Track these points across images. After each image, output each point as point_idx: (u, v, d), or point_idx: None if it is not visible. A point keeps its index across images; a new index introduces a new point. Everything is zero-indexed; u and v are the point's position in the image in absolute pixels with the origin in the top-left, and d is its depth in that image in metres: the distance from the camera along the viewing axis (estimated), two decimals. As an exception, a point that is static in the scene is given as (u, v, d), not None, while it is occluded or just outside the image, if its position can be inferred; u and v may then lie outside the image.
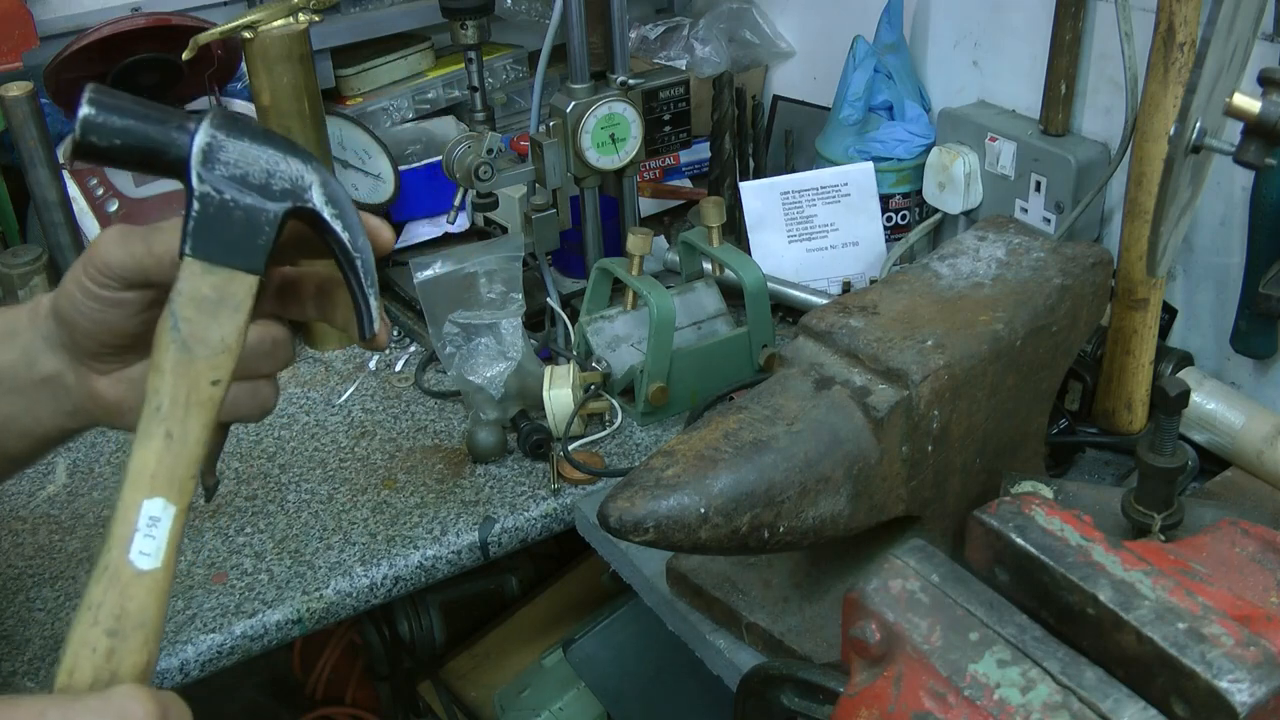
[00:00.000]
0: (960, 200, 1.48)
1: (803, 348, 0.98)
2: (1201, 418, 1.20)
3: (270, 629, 1.13)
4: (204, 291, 0.68)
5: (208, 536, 1.23)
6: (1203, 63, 0.79)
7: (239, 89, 1.69)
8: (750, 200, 1.53)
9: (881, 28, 1.56)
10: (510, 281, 1.33)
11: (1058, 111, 1.37)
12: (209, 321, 0.67)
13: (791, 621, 1.01)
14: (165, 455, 0.65)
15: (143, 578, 0.64)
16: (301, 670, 1.88)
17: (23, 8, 1.50)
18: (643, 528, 0.85)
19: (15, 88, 1.30)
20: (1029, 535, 0.73)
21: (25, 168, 1.33)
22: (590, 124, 1.43)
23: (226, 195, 0.68)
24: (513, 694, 1.66)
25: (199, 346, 0.67)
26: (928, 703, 0.68)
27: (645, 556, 1.12)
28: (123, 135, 0.68)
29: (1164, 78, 1.10)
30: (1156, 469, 0.96)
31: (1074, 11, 1.32)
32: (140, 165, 0.69)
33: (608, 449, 1.33)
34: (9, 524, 1.26)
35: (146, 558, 0.64)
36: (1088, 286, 1.05)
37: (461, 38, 1.44)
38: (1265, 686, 0.62)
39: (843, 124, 1.56)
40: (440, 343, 1.32)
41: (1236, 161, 0.85)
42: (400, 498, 1.27)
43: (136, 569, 0.63)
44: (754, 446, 0.88)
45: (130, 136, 0.68)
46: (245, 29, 1.38)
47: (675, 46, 1.84)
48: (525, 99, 1.81)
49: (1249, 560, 0.79)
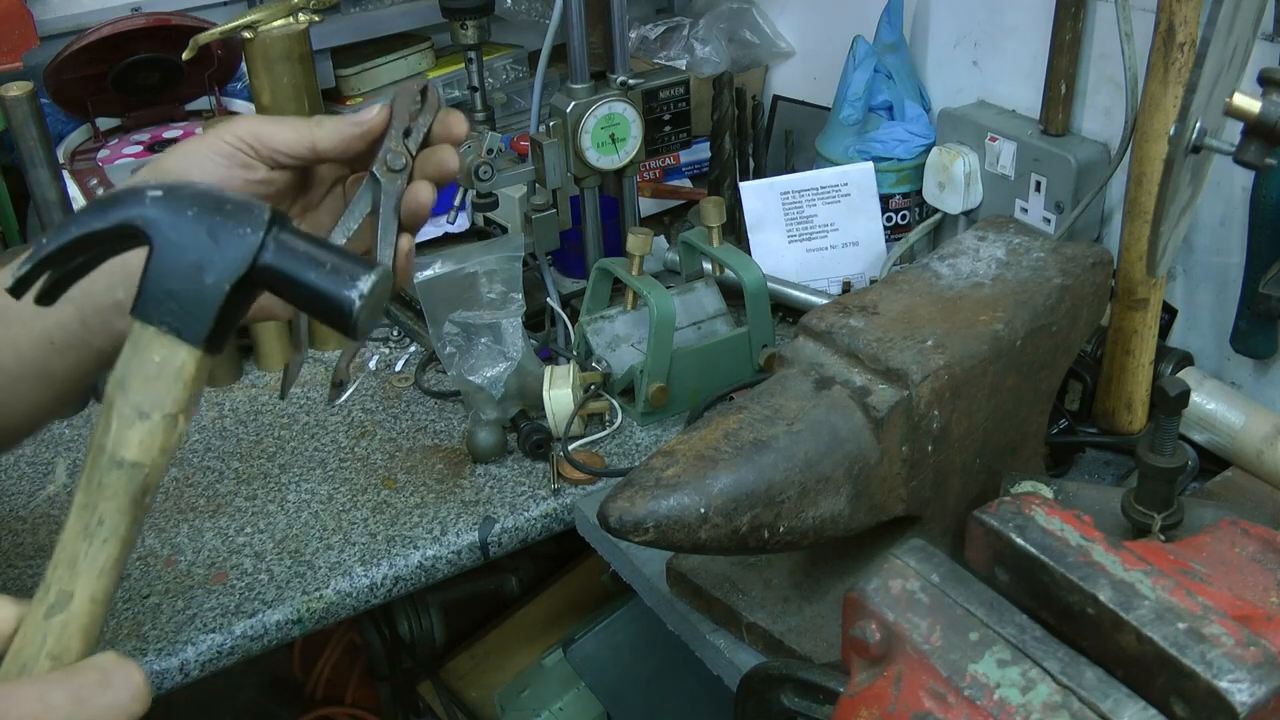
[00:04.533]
0: (960, 200, 1.48)
1: (803, 348, 0.98)
2: (1201, 418, 1.20)
3: (270, 629, 1.13)
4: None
5: (208, 536, 1.23)
6: (1203, 63, 0.79)
7: (239, 89, 1.70)
8: (750, 200, 1.53)
9: (881, 28, 1.56)
10: (510, 281, 1.33)
11: (1058, 111, 1.37)
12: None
13: (791, 621, 1.01)
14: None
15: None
16: (301, 670, 1.88)
17: (23, 8, 1.50)
18: (643, 528, 0.85)
19: (15, 88, 1.30)
20: (1029, 535, 0.73)
21: (25, 168, 1.33)
22: (590, 124, 1.43)
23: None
24: (513, 694, 1.66)
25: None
26: (928, 703, 0.68)
27: (645, 556, 1.12)
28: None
29: (1164, 78, 1.10)
30: (1156, 469, 0.96)
31: (1074, 11, 1.32)
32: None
33: (608, 449, 1.33)
34: (9, 524, 1.26)
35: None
36: (1088, 286, 1.05)
37: (461, 38, 1.44)
38: (1265, 686, 0.62)
39: (843, 124, 1.56)
40: (440, 343, 1.32)
41: (1236, 161, 0.85)
42: (400, 498, 1.27)
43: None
44: (754, 446, 0.88)
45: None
46: (245, 29, 1.38)
47: (675, 46, 1.85)
48: (525, 99, 1.81)
49: (1249, 560, 0.79)
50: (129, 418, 0.63)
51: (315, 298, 0.65)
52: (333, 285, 0.64)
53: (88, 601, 0.62)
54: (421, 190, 0.81)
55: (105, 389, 0.64)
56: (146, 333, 0.64)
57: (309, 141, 0.81)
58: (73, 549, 0.63)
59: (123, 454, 0.63)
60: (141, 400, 0.63)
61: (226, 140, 0.80)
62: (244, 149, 0.80)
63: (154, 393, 0.63)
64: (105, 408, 0.64)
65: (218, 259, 0.64)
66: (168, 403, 0.64)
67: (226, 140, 0.80)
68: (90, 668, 0.60)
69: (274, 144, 0.80)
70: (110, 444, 0.63)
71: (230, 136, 0.80)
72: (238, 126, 0.81)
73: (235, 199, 0.66)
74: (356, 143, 0.82)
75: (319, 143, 0.81)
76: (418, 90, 0.83)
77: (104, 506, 0.63)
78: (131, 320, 0.64)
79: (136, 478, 0.63)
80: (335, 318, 0.65)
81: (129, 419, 0.63)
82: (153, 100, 1.65)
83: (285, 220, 0.66)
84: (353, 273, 0.65)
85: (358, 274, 0.65)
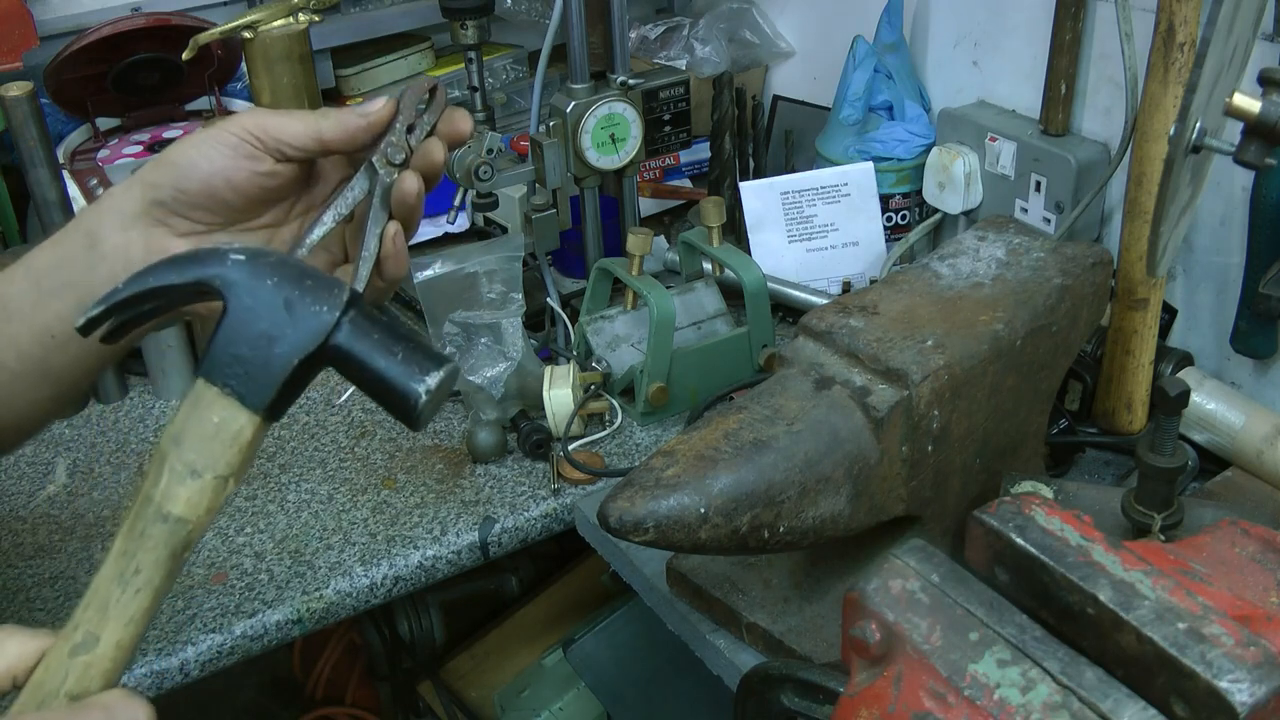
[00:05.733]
0: (960, 200, 1.48)
1: (803, 348, 0.98)
2: (1201, 418, 1.20)
3: (270, 629, 1.13)
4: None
5: (207, 536, 1.23)
6: (1203, 63, 0.79)
7: (239, 89, 1.70)
8: (750, 200, 1.53)
9: (881, 28, 1.56)
10: (510, 281, 1.33)
11: (1058, 111, 1.37)
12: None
13: (791, 621, 1.01)
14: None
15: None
16: (301, 670, 1.88)
17: (23, 8, 1.50)
18: (643, 528, 0.85)
19: (15, 88, 1.30)
20: (1029, 535, 0.73)
21: (25, 168, 1.33)
22: (590, 124, 1.43)
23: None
24: (513, 694, 1.66)
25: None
26: (928, 703, 0.68)
27: (645, 556, 1.12)
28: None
29: (1164, 78, 1.10)
30: (1156, 469, 0.96)
31: (1074, 11, 1.32)
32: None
33: (608, 449, 1.33)
34: (9, 524, 1.26)
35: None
36: (1088, 286, 1.05)
37: (461, 38, 1.44)
38: (1265, 686, 0.62)
39: (843, 124, 1.56)
40: (440, 343, 1.32)
41: (1236, 161, 0.85)
42: (400, 498, 1.27)
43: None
44: (754, 446, 0.88)
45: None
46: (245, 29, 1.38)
47: (675, 46, 1.85)
48: (525, 99, 1.81)
49: (1249, 560, 0.79)
50: (180, 474, 0.64)
51: (382, 385, 0.65)
52: (401, 376, 0.65)
53: (113, 647, 0.63)
54: (407, 179, 0.82)
55: (160, 441, 0.65)
56: (209, 393, 0.65)
57: (315, 132, 0.81)
58: (105, 593, 0.63)
59: (169, 509, 0.64)
60: (195, 459, 0.64)
61: (233, 132, 0.80)
62: (250, 140, 0.80)
63: (209, 453, 0.64)
64: (158, 459, 0.64)
65: (291, 332, 0.64)
66: (221, 464, 0.65)
67: (233, 132, 0.80)
68: (95, 706, 0.61)
69: (280, 135, 0.81)
70: (159, 496, 0.64)
71: (236, 128, 0.81)
72: (244, 119, 0.81)
73: (317, 275, 0.66)
74: (361, 135, 0.82)
75: (325, 133, 0.81)
76: (427, 88, 0.84)
77: (142, 557, 0.63)
78: (196, 379, 0.65)
79: (179, 533, 0.64)
80: (399, 408, 0.66)
81: (180, 475, 0.64)
82: (153, 100, 1.65)
83: (362, 304, 0.66)
84: (423, 366, 0.65)
85: (428, 368, 0.65)
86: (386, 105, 0.82)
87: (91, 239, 0.82)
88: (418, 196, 0.83)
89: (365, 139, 0.82)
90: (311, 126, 0.81)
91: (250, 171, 0.81)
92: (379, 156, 0.82)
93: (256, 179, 0.81)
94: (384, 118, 0.82)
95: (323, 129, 0.81)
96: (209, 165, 0.80)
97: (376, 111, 0.82)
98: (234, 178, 0.81)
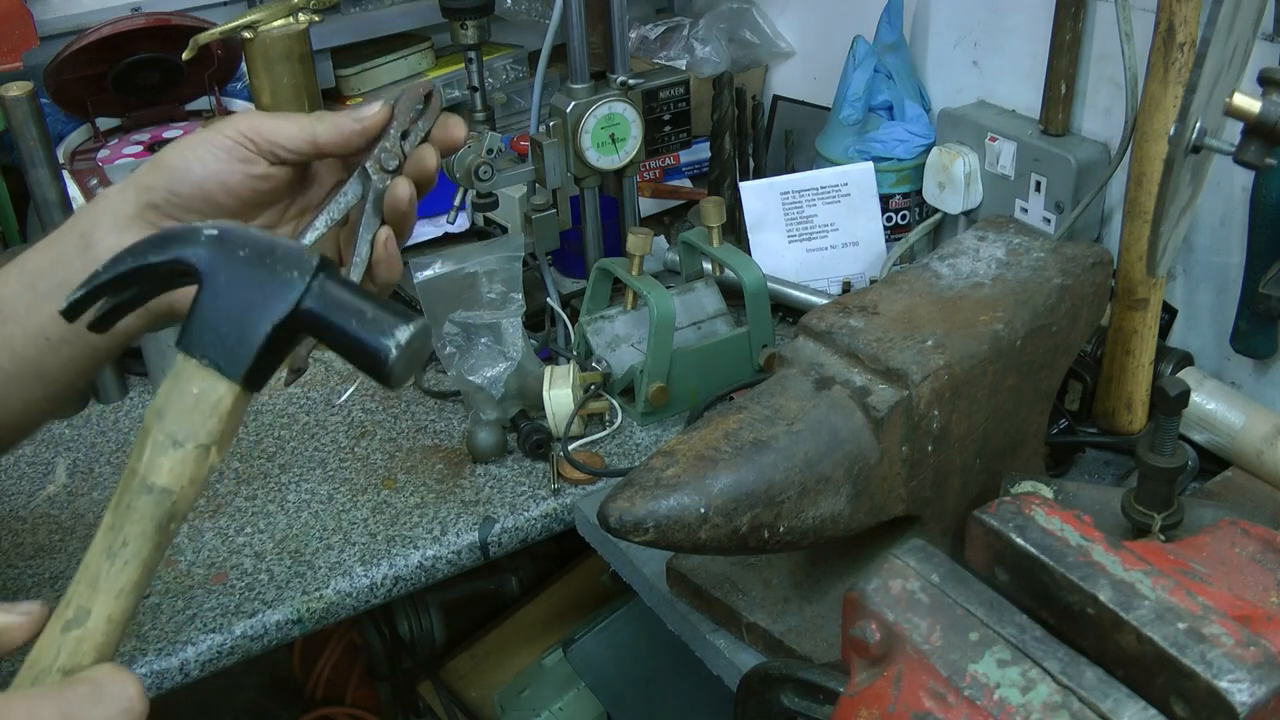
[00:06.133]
0: (960, 200, 1.48)
1: (803, 348, 0.98)
2: (1201, 418, 1.20)
3: (270, 629, 1.13)
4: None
5: (208, 536, 1.23)
6: (1203, 63, 0.79)
7: (239, 89, 1.70)
8: (750, 200, 1.53)
9: (881, 28, 1.56)
10: (510, 281, 1.33)
11: (1058, 111, 1.37)
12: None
13: (791, 621, 1.01)
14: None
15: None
16: (301, 670, 1.88)
17: (23, 8, 1.50)
18: (643, 528, 0.85)
19: (15, 88, 1.30)
20: (1029, 535, 0.73)
21: (25, 168, 1.33)
22: (590, 124, 1.43)
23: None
24: (513, 694, 1.66)
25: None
26: (928, 703, 0.68)
27: (645, 556, 1.12)
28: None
29: (1164, 78, 1.10)
30: (1156, 469, 0.96)
31: (1074, 11, 1.32)
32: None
33: (608, 449, 1.33)
34: (9, 524, 1.26)
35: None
36: (1088, 286, 1.05)
37: (461, 38, 1.44)
38: (1265, 686, 0.62)
39: (843, 124, 1.56)
40: (440, 343, 1.32)
41: (1236, 161, 0.85)
42: (400, 498, 1.27)
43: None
44: (754, 446, 0.88)
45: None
46: (245, 29, 1.38)
47: (675, 46, 1.84)
48: (525, 99, 1.81)
49: (1249, 560, 0.79)
50: (163, 445, 0.65)
51: (353, 345, 0.67)
52: (370, 334, 0.66)
53: (104, 621, 0.63)
54: (399, 185, 0.82)
55: (145, 416, 0.66)
56: (189, 365, 0.66)
57: (309, 135, 0.81)
58: (95, 568, 0.64)
59: (153, 479, 0.65)
60: (176, 429, 0.65)
61: (227, 134, 0.81)
62: (245, 143, 0.81)
63: (189, 423, 0.65)
64: (142, 434, 0.66)
65: (262, 300, 0.66)
66: (201, 433, 0.66)
67: (227, 134, 0.81)
68: (83, 681, 0.61)
69: (275, 138, 0.81)
70: (143, 468, 0.65)
71: (231, 130, 0.81)
72: (239, 121, 0.81)
73: (286, 244, 0.68)
74: (356, 139, 0.82)
75: (319, 137, 0.81)
76: (423, 93, 0.84)
77: (129, 529, 0.64)
78: (176, 352, 0.66)
79: (164, 504, 0.65)
80: (371, 366, 0.67)
81: (163, 446, 0.65)
82: (153, 100, 1.65)
83: (332, 270, 0.68)
84: (391, 323, 0.67)
85: (397, 324, 0.67)
86: (381, 110, 0.82)
87: (86, 241, 0.82)
88: (410, 202, 0.83)
89: (360, 143, 0.82)
90: (306, 130, 0.81)
91: (244, 174, 0.81)
92: (373, 161, 0.82)
93: (250, 181, 0.82)
94: (379, 122, 0.82)
95: (317, 132, 0.81)
96: (203, 168, 0.81)
97: (371, 116, 0.82)
98: (228, 180, 0.81)
